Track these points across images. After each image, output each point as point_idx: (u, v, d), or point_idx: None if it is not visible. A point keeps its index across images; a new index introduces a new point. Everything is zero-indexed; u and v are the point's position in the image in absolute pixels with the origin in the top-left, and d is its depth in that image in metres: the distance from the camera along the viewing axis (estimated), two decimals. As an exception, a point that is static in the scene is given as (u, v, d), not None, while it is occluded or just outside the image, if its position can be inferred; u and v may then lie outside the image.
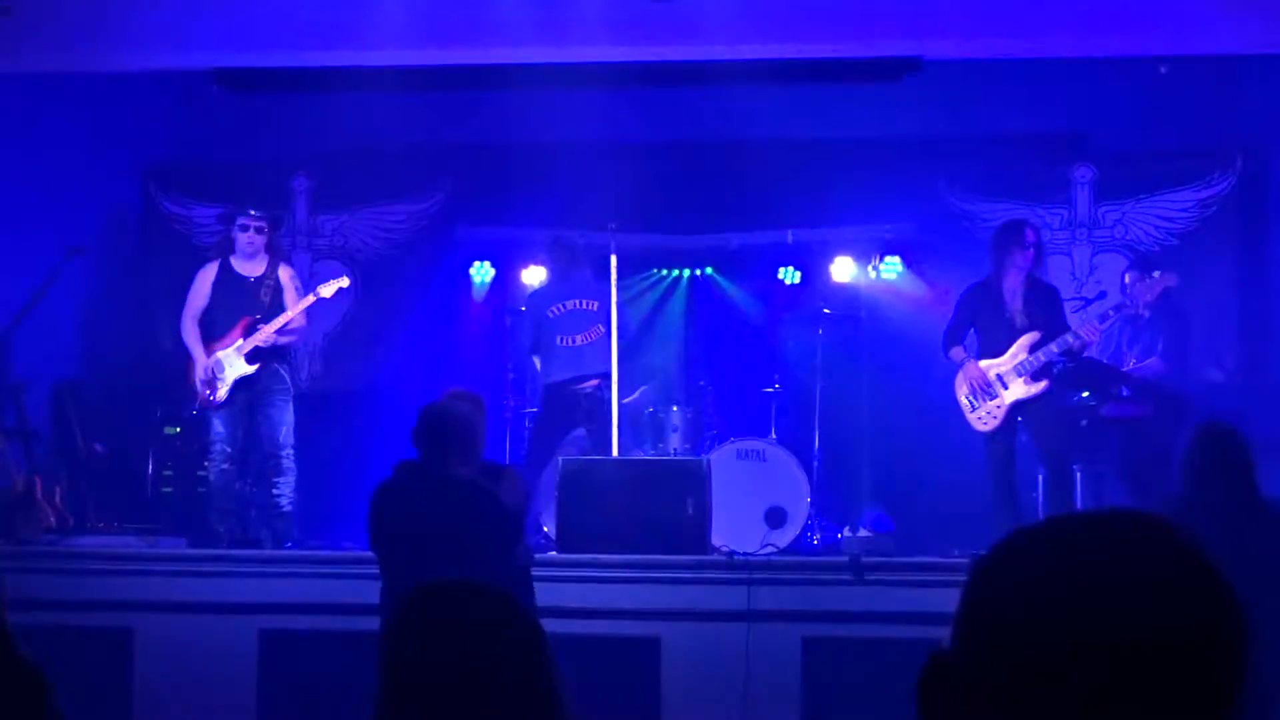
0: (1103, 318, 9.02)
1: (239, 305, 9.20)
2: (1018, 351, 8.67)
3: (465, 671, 2.44)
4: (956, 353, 8.89)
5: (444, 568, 5.73)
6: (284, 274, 9.36)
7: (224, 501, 9.16)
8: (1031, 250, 8.79)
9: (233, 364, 9.11)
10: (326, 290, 9.35)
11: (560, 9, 9.09)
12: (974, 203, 11.21)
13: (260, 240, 9.28)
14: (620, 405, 9.63)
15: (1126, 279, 9.83)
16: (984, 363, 8.75)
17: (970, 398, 8.80)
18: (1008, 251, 8.78)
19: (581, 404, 9.84)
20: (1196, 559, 1.30)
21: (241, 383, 9.11)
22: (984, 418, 8.75)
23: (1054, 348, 8.61)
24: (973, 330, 8.92)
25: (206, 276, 9.33)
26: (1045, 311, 8.79)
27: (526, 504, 6.65)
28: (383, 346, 11.45)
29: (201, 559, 8.60)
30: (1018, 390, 8.65)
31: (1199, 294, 10.15)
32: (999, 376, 8.69)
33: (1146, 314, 9.31)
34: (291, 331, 9.30)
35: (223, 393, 9.08)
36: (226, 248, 9.38)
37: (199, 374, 9.11)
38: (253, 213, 9.31)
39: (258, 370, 9.10)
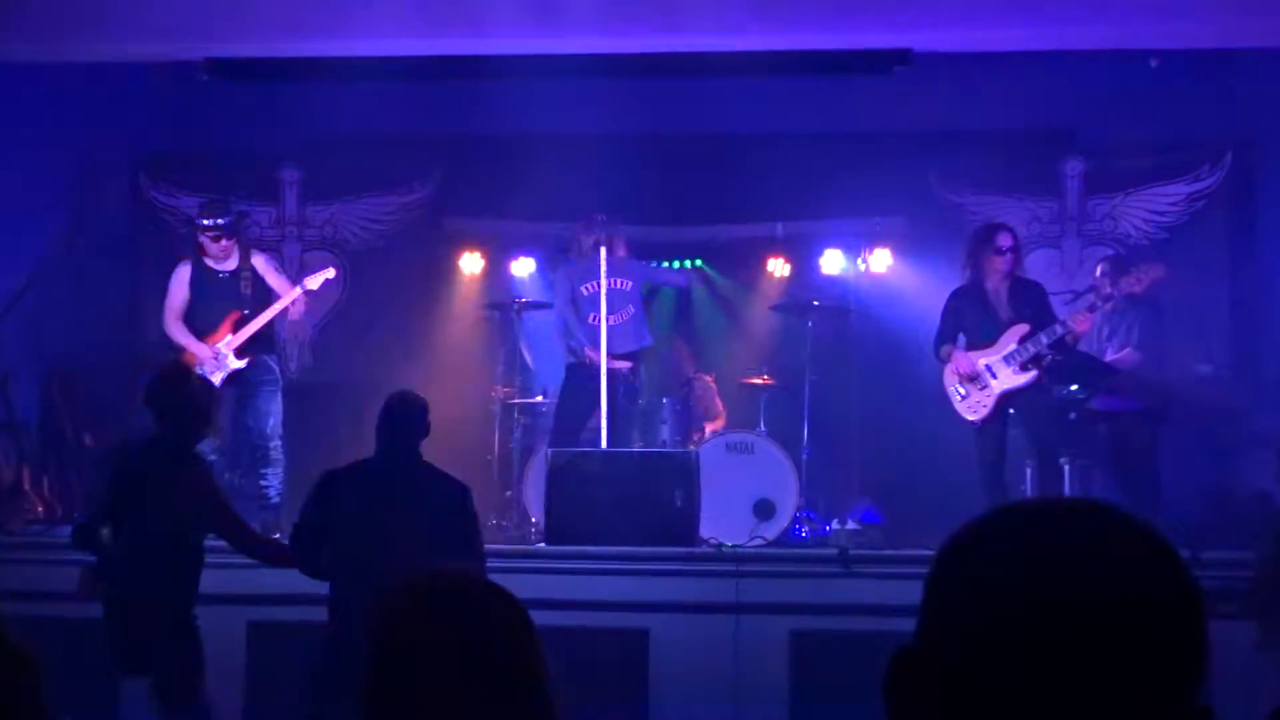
0: (1091, 308, 9.03)
1: (221, 301, 9.16)
2: (1007, 342, 8.68)
3: (454, 661, 2.44)
4: (946, 351, 8.91)
5: (414, 555, 5.80)
6: (259, 263, 9.32)
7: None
8: (1010, 255, 8.81)
9: (226, 358, 9.09)
10: (313, 283, 9.32)
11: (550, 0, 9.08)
12: (964, 195, 11.22)
13: (226, 242, 9.20)
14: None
15: (1099, 271, 9.85)
16: (973, 354, 8.77)
17: (959, 387, 8.81)
18: (985, 256, 8.82)
19: (613, 385, 9.69)
20: (1154, 542, 1.30)
21: (230, 376, 9.10)
22: (974, 407, 8.76)
23: (1043, 338, 8.63)
24: (961, 333, 8.94)
25: (182, 276, 9.26)
26: (1031, 306, 8.81)
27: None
28: (372, 337, 11.44)
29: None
30: (1007, 380, 8.66)
31: (1189, 288, 10.16)
32: (988, 366, 8.70)
33: (1123, 305, 9.35)
34: (285, 311, 9.29)
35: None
36: (197, 247, 9.27)
37: (206, 361, 9.05)
38: (208, 221, 9.19)
39: (246, 363, 9.09)
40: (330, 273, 9.52)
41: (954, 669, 1.29)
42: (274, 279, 9.26)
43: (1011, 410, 8.78)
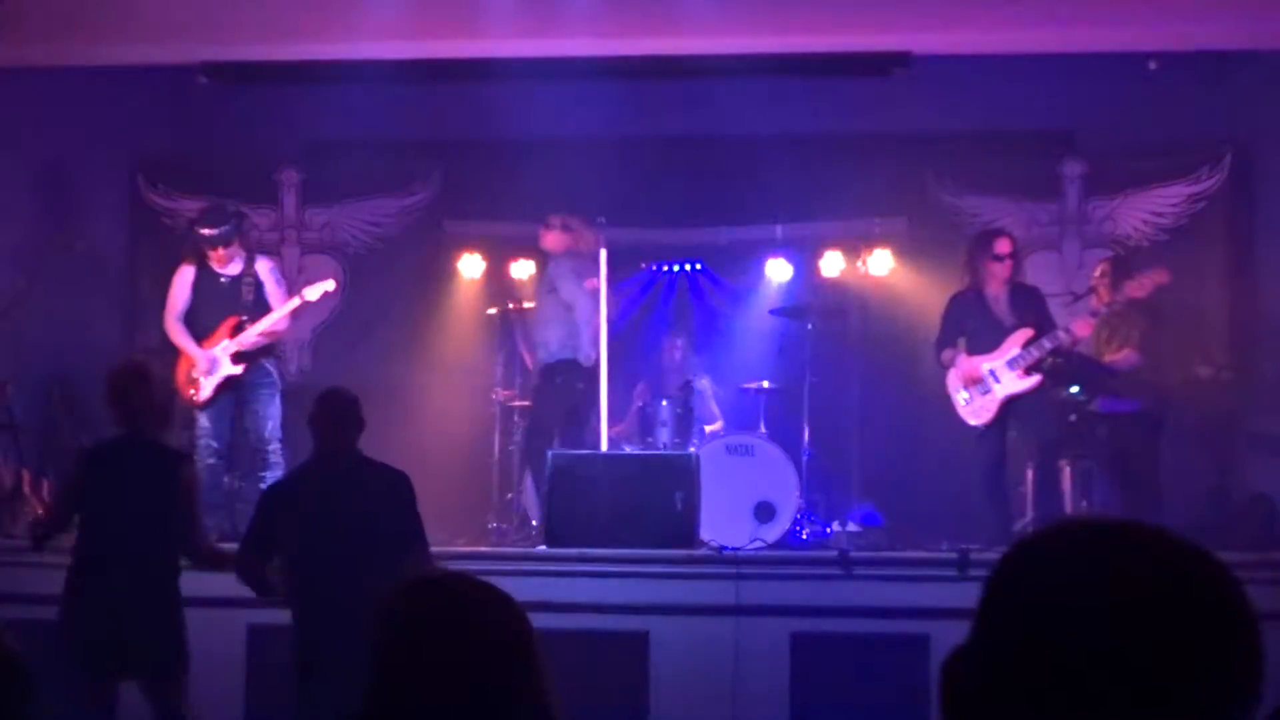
0: (1094, 313, 9.05)
1: (221, 305, 9.14)
2: (1009, 346, 8.69)
3: (454, 665, 2.44)
4: (948, 356, 8.93)
5: (365, 548, 5.81)
6: (262, 269, 9.30)
7: (211, 496, 9.11)
8: (1008, 261, 8.84)
9: (221, 363, 9.08)
10: (312, 293, 9.30)
11: (549, 3, 9.08)
12: (963, 197, 11.22)
13: (226, 249, 9.19)
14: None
15: (1098, 271, 9.85)
16: (976, 358, 8.77)
17: (963, 392, 8.81)
18: (983, 262, 8.86)
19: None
20: (1210, 567, 1.32)
21: (227, 381, 9.09)
22: (977, 411, 8.77)
23: (1046, 343, 8.64)
24: (962, 338, 8.94)
25: (185, 278, 9.24)
26: (1032, 311, 8.83)
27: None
28: (371, 340, 11.43)
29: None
30: (1010, 385, 8.67)
31: (1188, 289, 10.16)
32: (991, 371, 8.71)
33: (1121, 308, 9.32)
34: (275, 331, 9.26)
35: (207, 391, 9.06)
36: (202, 252, 9.26)
37: (200, 366, 9.05)
38: (206, 231, 9.17)
39: (242, 369, 9.08)
40: (330, 285, 9.48)
41: (1005, 672, 1.31)
42: (272, 289, 9.24)
43: (1013, 414, 8.78)
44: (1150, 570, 1.30)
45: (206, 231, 9.14)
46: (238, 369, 9.06)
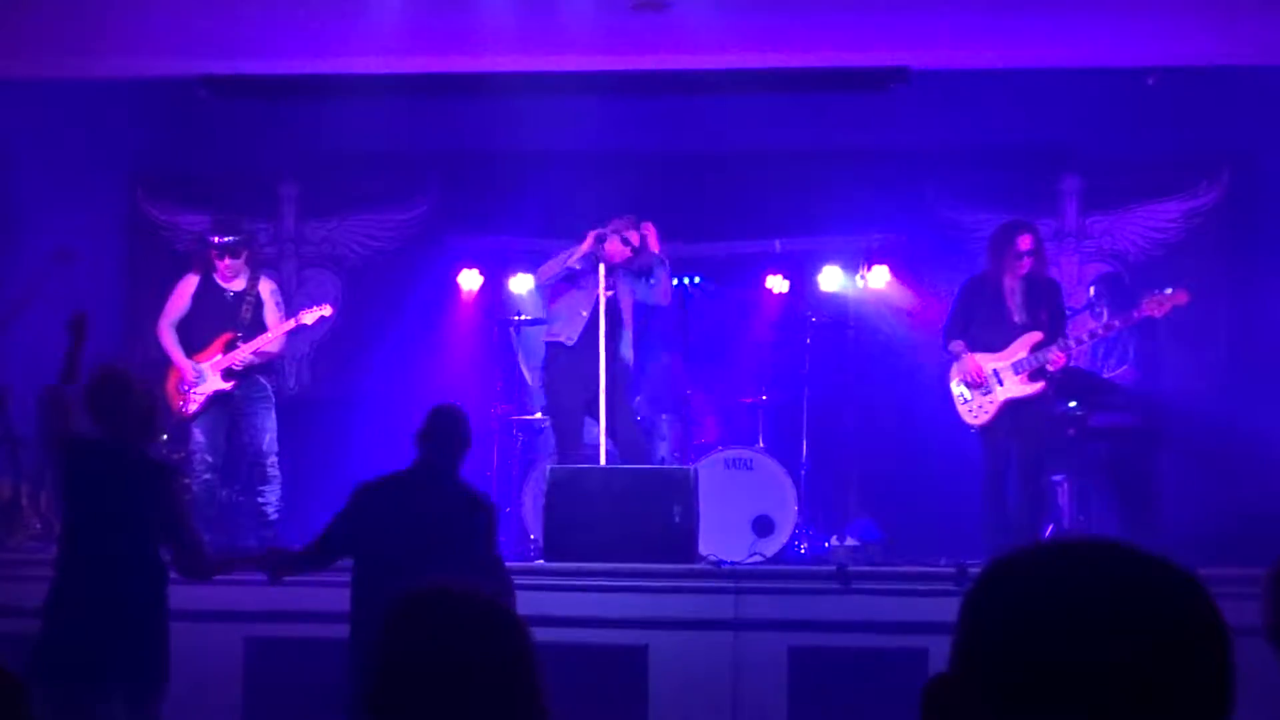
0: (1092, 334, 9.02)
1: (219, 319, 9.17)
2: (1018, 349, 8.64)
3: (453, 676, 2.44)
4: (956, 345, 8.85)
5: (436, 572, 5.76)
6: (265, 289, 9.34)
7: (208, 510, 9.13)
8: (1028, 259, 8.77)
9: (209, 378, 9.10)
10: (308, 317, 9.35)
11: (548, 18, 9.08)
12: (962, 212, 11.23)
13: (237, 263, 9.24)
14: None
15: (1092, 291, 9.85)
16: (981, 356, 8.72)
17: (963, 389, 8.77)
18: (1004, 254, 8.79)
19: None
20: (1192, 586, 1.32)
21: (218, 396, 9.10)
22: (975, 411, 8.72)
23: (1055, 351, 8.58)
24: (971, 325, 8.89)
25: (188, 287, 9.29)
26: (1047, 308, 8.75)
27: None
28: (370, 354, 11.43)
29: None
30: (1013, 388, 8.62)
31: (1186, 304, 10.15)
32: (995, 372, 8.67)
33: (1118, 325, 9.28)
34: (268, 352, 9.27)
35: (194, 405, 9.07)
36: (209, 263, 9.30)
37: (186, 376, 9.07)
38: (222, 240, 9.21)
39: (232, 385, 9.09)
40: (326, 310, 9.51)
41: (992, 699, 1.30)
42: (271, 310, 9.26)
43: (1012, 423, 8.72)
44: (1122, 588, 1.31)
45: (217, 238, 9.19)
46: (226, 385, 9.08)
